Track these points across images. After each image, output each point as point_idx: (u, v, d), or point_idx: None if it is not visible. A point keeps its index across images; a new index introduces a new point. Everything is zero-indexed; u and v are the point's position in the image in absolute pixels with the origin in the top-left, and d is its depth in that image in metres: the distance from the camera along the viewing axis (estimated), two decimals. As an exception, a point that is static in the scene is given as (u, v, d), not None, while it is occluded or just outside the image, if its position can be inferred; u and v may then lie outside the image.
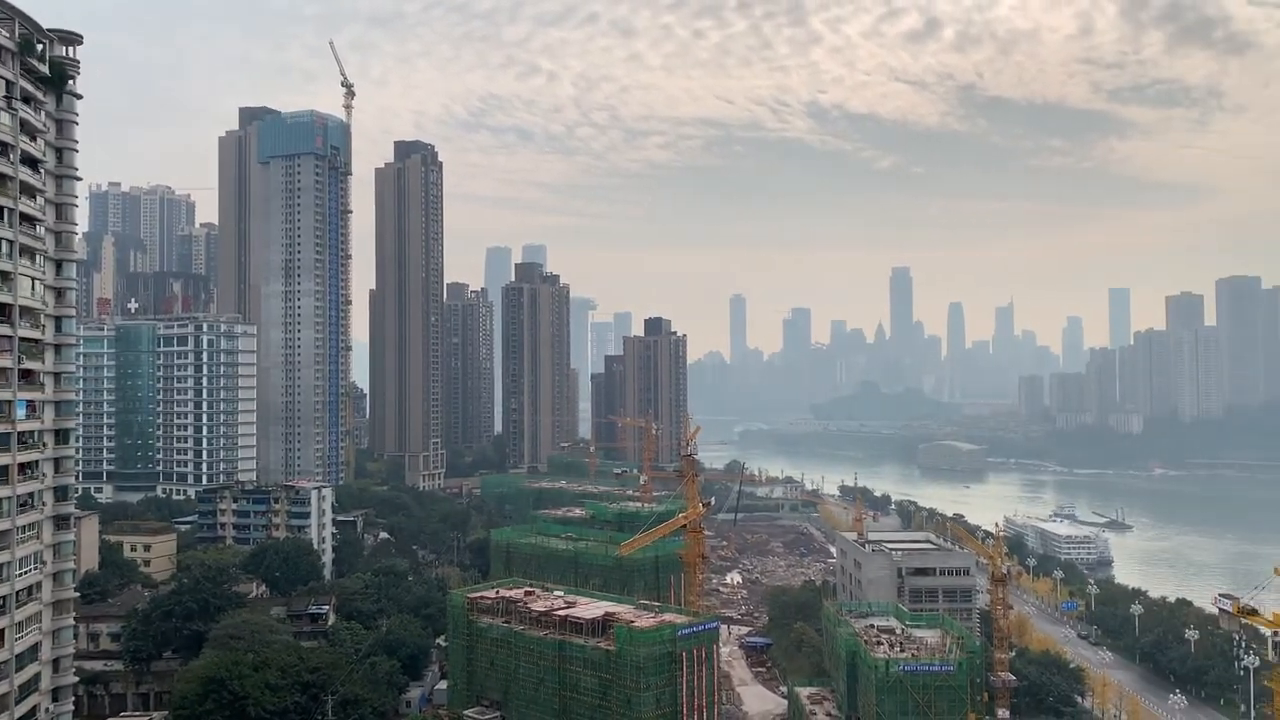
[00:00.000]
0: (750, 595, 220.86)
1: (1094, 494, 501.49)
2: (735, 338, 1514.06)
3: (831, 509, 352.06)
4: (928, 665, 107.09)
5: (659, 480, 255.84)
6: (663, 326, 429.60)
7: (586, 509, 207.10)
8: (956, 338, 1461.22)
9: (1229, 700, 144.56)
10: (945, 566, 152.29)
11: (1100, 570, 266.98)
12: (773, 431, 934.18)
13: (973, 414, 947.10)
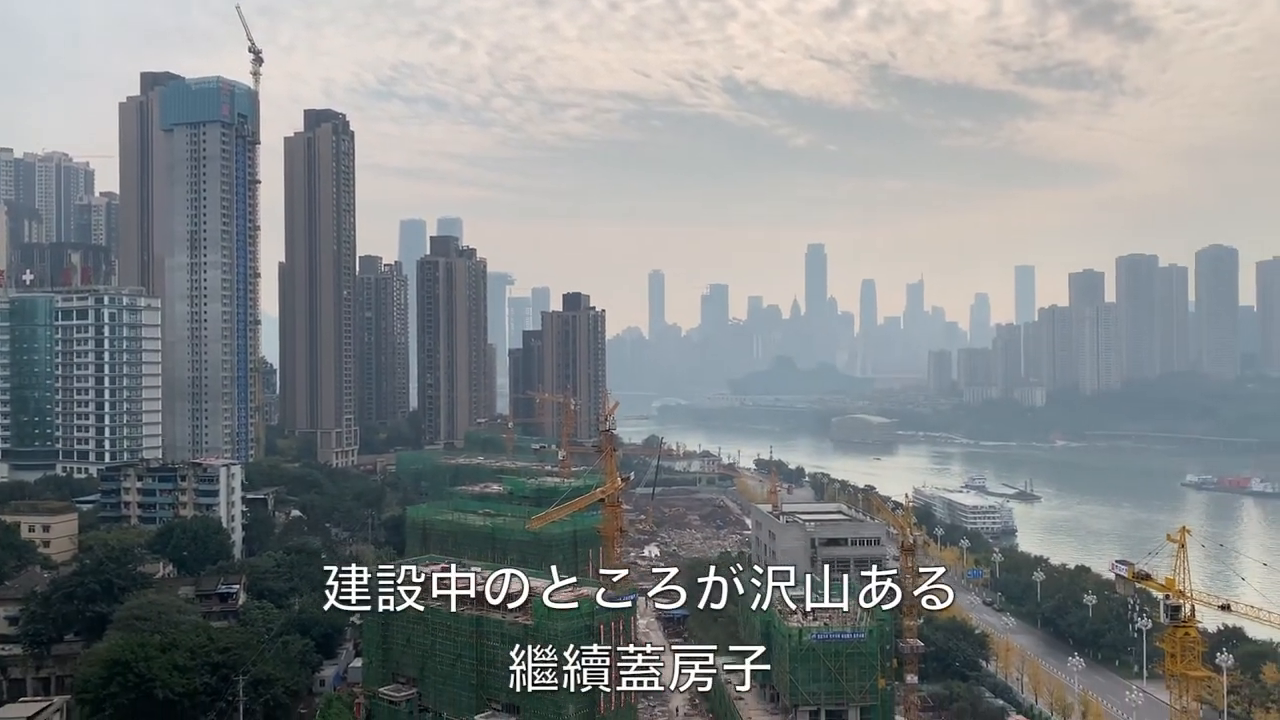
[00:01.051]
0: (668, 567, 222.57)
1: (999, 465, 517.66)
2: (654, 313, 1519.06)
3: (748, 482, 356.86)
4: (839, 633, 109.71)
5: (578, 455, 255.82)
6: (581, 302, 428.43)
7: (504, 485, 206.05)
8: (869, 314, 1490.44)
9: (1124, 662, 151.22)
10: (857, 537, 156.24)
11: (1005, 539, 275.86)
12: (691, 406, 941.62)
13: (884, 388, 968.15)
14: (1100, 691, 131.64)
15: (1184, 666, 67.73)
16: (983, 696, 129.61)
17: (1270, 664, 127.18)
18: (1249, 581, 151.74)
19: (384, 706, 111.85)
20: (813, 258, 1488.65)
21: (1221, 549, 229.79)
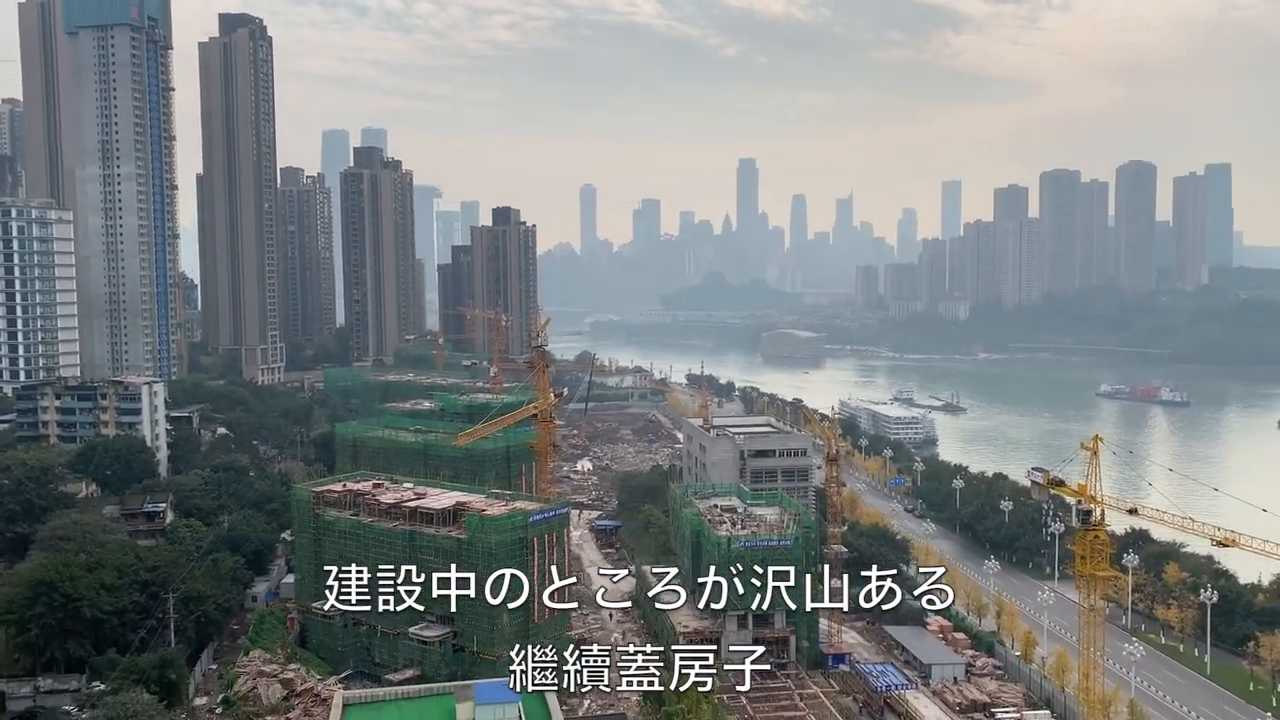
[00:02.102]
0: (600, 481, 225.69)
1: (923, 378, 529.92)
2: (585, 228, 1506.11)
3: (679, 397, 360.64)
4: (766, 540, 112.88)
5: (510, 372, 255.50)
6: (511, 216, 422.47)
7: (435, 401, 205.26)
8: (799, 229, 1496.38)
9: (1037, 564, 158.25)
10: (784, 448, 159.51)
11: (926, 448, 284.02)
12: (623, 322, 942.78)
13: (813, 303, 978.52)
14: (1014, 592, 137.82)
15: (1093, 567, 71.12)
16: (903, 599, 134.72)
17: (1172, 563, 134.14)
18: (1155, 486, 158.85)
19: (317, 621, 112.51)
20: (744, 172, 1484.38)
21: (1131, 456, 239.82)
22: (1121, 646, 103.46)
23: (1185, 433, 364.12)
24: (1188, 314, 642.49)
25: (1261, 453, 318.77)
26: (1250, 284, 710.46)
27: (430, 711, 72.66)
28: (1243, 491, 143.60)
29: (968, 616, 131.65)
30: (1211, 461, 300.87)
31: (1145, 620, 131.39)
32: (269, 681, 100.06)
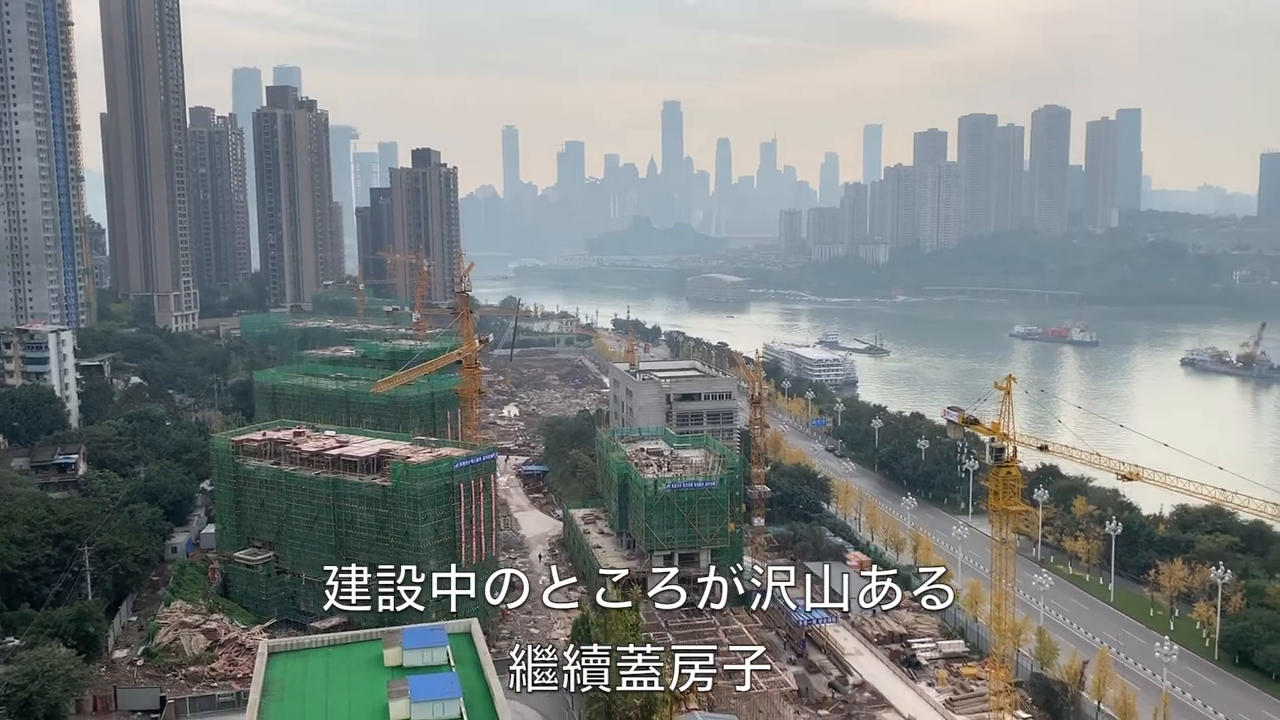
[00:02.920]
0: (527, 426, 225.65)
1: (844, 320, 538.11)
2: (508, 171, 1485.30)
3: (605, 341, 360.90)
4: (692, 482, 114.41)
5: (433, 317, 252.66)
6: (432, 158, 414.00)
7: (356, 348, 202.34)
8: (724, 173, 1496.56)
9: (952, 500, 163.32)
10: (709, 391, 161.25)
11: (847, 390, 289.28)
12: (548, 267, 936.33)
13: (738, 247, 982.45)
14: (930, 527, 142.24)
15: (1005, 502, 73.56)
16: (824, 536, 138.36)
17: (1080, 497, 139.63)
18: (1065, 424, 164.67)
19: (240, 570, 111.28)
20: (669, 115, 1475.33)
21: (1043, 395, 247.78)
22: (1031, 577, 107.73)
23: (1094, 371, 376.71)
24: (1098, 256, 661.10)
25: (1165, 389, 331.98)
26: (1157, 226, 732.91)
27: (358, 658, 72.50)
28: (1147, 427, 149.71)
29: (886, 551, 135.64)
30: (1119, 399, 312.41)
31: (1054, 552, 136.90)
32: (191, 632, 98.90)
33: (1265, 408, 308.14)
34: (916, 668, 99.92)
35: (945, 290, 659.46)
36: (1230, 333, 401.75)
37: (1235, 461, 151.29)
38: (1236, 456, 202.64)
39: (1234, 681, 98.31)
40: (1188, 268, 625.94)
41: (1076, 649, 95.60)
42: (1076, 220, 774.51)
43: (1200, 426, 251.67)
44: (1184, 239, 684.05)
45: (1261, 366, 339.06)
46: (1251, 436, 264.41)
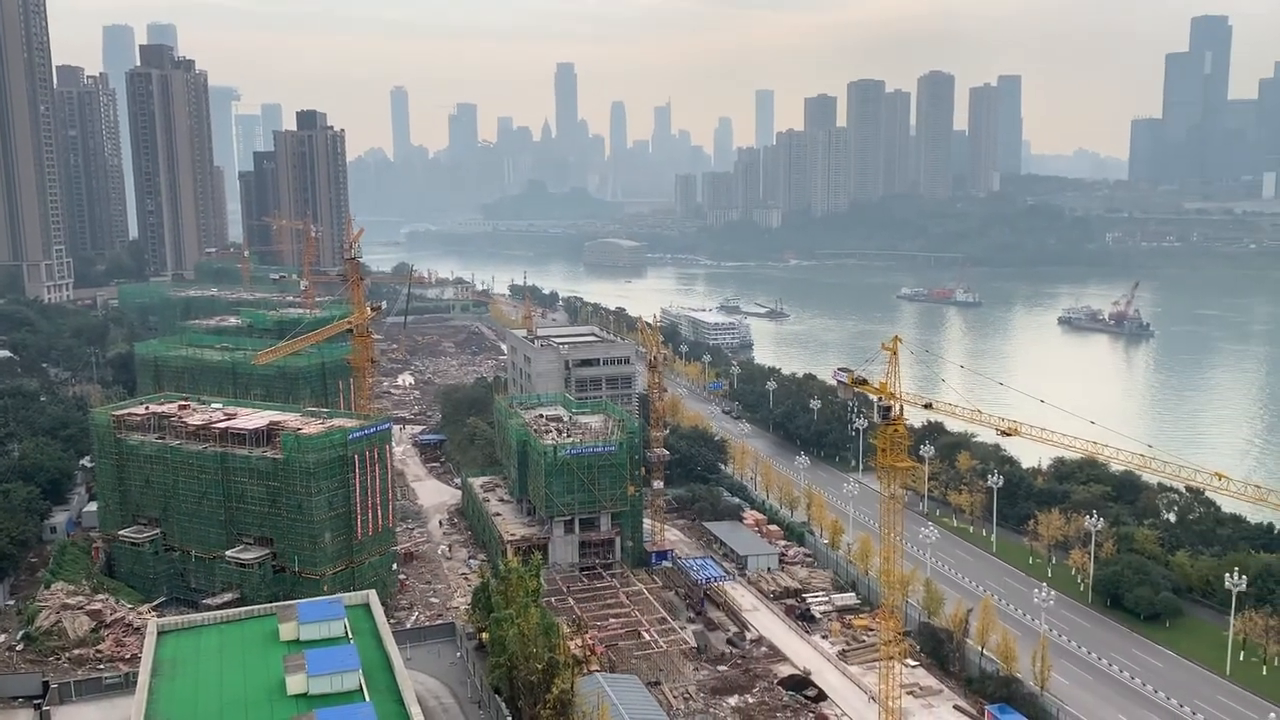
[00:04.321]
0: (423, 395, 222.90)
1: (740, 284, 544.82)
2: (398, 134, 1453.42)
3: (502, 308, 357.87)
4: (592, 447, 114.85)
5: (323, 285, 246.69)
6: (318, 120, 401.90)
7: (243, 317, 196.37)
8: (619, 137, 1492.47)
9: (843, 458, 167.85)
10: (608, 356, 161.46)
11: (743, 353, 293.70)
12: (441, 232, 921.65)
13: (634, 212, 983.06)
14: (822, 485, 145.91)
15: (892, 459, 75.81)
16: (721, 496, 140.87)
17: (964, 453, 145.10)
18: (949, 382, 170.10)
19: (125, 549, 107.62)
20: (562, 77, 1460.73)
21: (929, 354, 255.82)
22: (919, 530, 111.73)
23: (977, 331, 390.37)
24: (980, 219, 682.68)
25: (1044, 347, 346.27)
26: (1036, 190, 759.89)
27: (252, 634, 71.11)
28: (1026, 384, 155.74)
29: (781, 509, 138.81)
30: (1001, 357, 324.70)
31: (940, 505, 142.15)
32: (74, 614, 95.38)
33: (1135, 363, 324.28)
34: (811, 621, 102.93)
35: (836, 254, 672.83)
36: (1104, 292, 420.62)
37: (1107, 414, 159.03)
38: (1109, 409, 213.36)
39: (1105, 623, 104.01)
40: (1064, 230, 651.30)
41: (961, 598, 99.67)
42: (960, 184, 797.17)
43: (1076, 382, 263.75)
44: (1061, 202, 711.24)
45: (1132, 324, 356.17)
46: (1122, 390, 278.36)
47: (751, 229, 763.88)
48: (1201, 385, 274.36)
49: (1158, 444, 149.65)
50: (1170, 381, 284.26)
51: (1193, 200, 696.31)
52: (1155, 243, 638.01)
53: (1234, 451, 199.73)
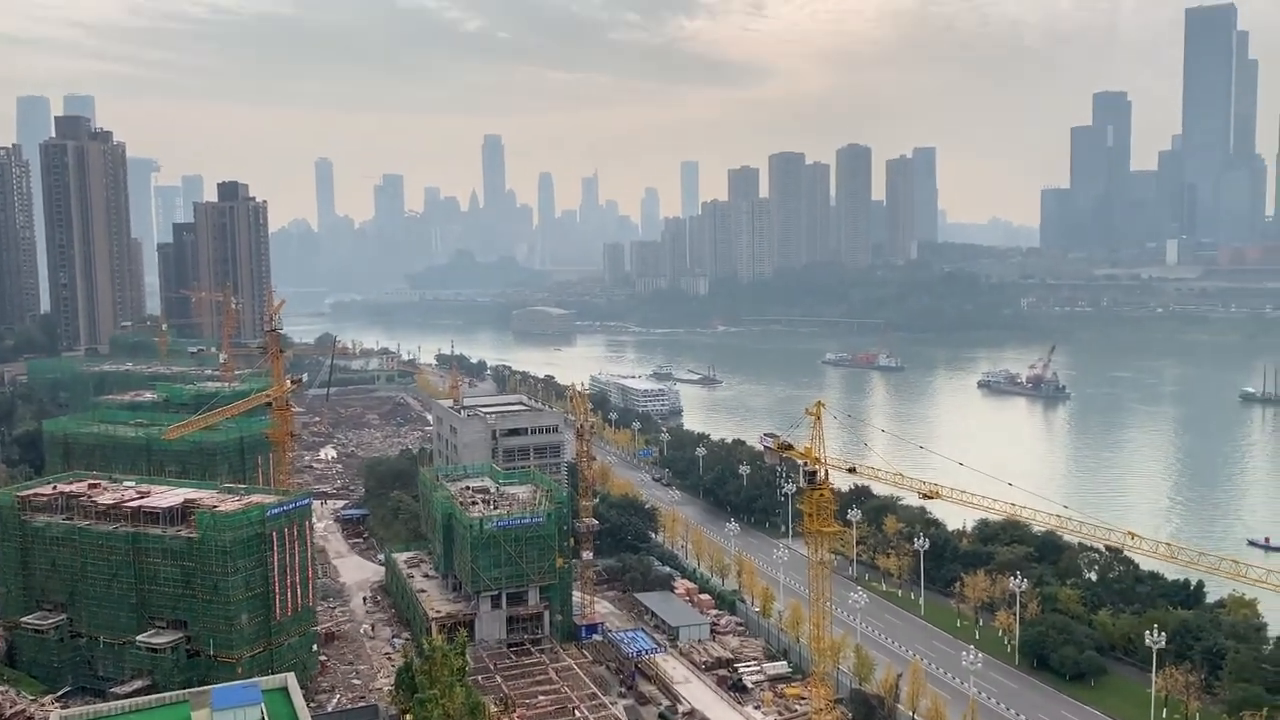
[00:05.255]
0: (346, 469, 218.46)
1: (669, 351, 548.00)
2: (323, 205, 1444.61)
3: (429, 378, 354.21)
4: (519, 519, 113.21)
5: (243, 357, 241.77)
6: (239, 191, 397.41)
7: (159, 392, 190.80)
8: (547, 206, 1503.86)
9: (773, 523, 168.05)
10: (536, 425, 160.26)
11: (673, 419, 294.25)
12: (367, 302, 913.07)
13: (562, 280, 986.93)
14: (753, 551, 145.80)
15: (819, 524, 76.22)
16: (652, 566, 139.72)
17: (891, 516, 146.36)
18: (874, 445, 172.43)
19: (28, 637, 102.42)
20: (490, 149, 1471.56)
21: (854, 419, 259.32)
22: (848, 595, 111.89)
23: (901, 395, 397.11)
24: (900, 286, 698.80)
25: (965, 410, 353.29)
26: (953, 258, 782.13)
27: (162, 724, 67.91)
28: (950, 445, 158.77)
29: (712, 577, 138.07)
30: (924, 420, 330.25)
31: (869, 569, 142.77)
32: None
33: (1054, 424, 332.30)
34: (743, 691, 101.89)
35: (762, 320, 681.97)
36: (1021, 355, 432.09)
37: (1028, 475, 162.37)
38: (1031, 471, 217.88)
39: (1033, 684, 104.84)
40: (981, 296, 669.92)
41: (892, 663, 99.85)
42: (880, 252, 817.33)
43: (997, 444, 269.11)
44: (977, 269, 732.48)
45: (1049, 387, 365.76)
46: (1042, 451, 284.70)
47: (679, 296, 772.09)
48: (1118, 445, 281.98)
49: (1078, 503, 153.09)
50: (1088, 442, 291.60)
51: (1101, 267, 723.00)
52: (1068, 308, 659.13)
53: (1150, 510, 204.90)
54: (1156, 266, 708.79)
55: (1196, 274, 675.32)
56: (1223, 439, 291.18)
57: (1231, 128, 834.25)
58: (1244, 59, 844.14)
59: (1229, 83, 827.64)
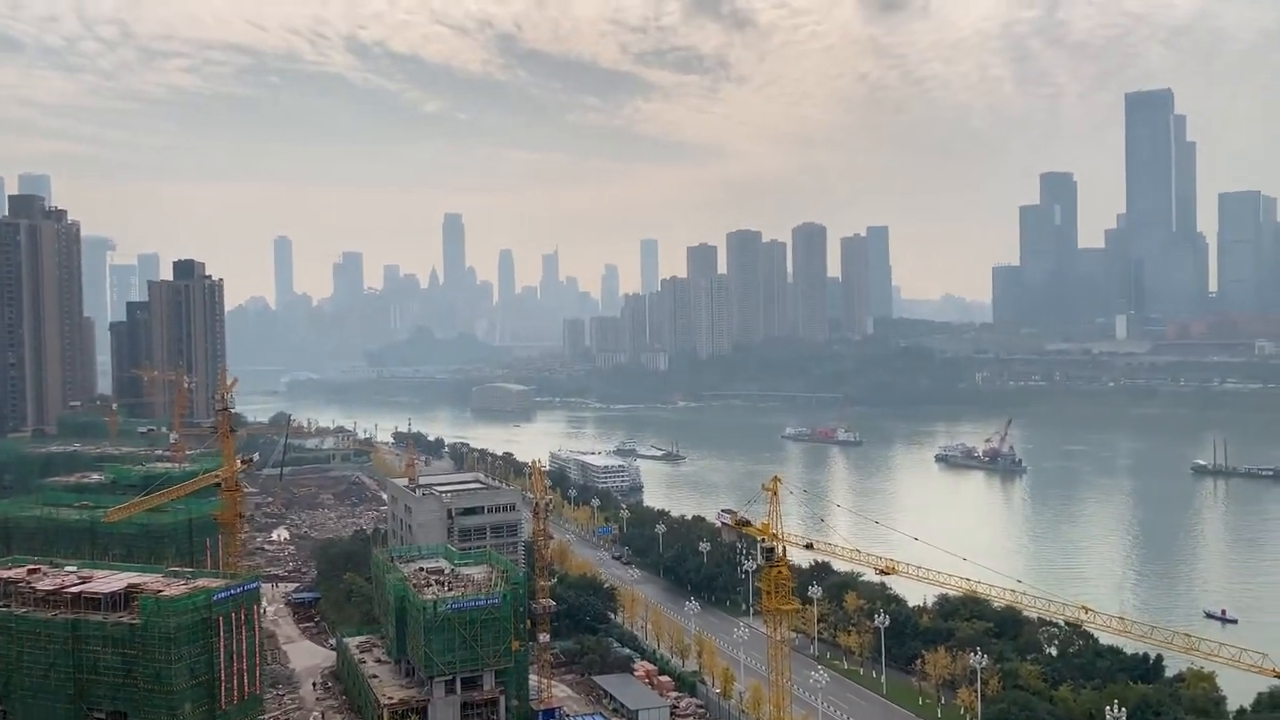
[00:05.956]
0: (299, 550, 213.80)
1: (629, 426, 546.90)
2: (281, 282, 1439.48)
3: (385, 456, 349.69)
4: (474, 600, 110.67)
5: (196, 437, 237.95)
6: (195, 270, 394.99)
7: (106, 473, 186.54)
8: (507, 283, 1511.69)
9: (734, 601, 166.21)
10: (493, 504, 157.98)
11: (633, 495, 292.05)
12: (323, 380, 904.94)
13: (523, 356, 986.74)
14: (713, 630, 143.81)
15: (777, 602, 75.59)
16: (611, 647, 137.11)
17: (851, 592, 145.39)
18: (835, 520, 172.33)
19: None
20: (450, 226, 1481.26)
21: (813, 494, 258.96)
22: (809, 674, 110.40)
23: (860, 469, 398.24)
24: (857, 361, 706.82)
25: (924, 484, 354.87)
26: (908, 333, 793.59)
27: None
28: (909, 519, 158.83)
29: (672, 658, 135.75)
30: (883, 494, 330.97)
31: (830, 647, 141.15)
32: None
33: (1011, 498, 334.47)
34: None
35: (722, 395, 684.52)
36: (978, 429, 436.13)
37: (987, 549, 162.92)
38: (989, 544, 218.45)
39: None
40: (936, 370, 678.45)
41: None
42: (837, 328, 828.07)
43: (955, 517, 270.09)
44: (932, 344, 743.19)
45: (1005, 460, 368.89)
46: (1001, 525, 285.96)
47: (640, 371, 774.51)
48: (1075, 518, 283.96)
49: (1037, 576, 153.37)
50: (1045, 515, 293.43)
51: (1053, 342, 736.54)
52: (1022, 382, 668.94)
53: (1110, 582, 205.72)
54: (1107, 341, 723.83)
55: (1145, 348, 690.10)
56: (1177, 511, 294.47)
57: (1174, 207, 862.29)
58: (1182, 141, 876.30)
59: (1169, 164, 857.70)
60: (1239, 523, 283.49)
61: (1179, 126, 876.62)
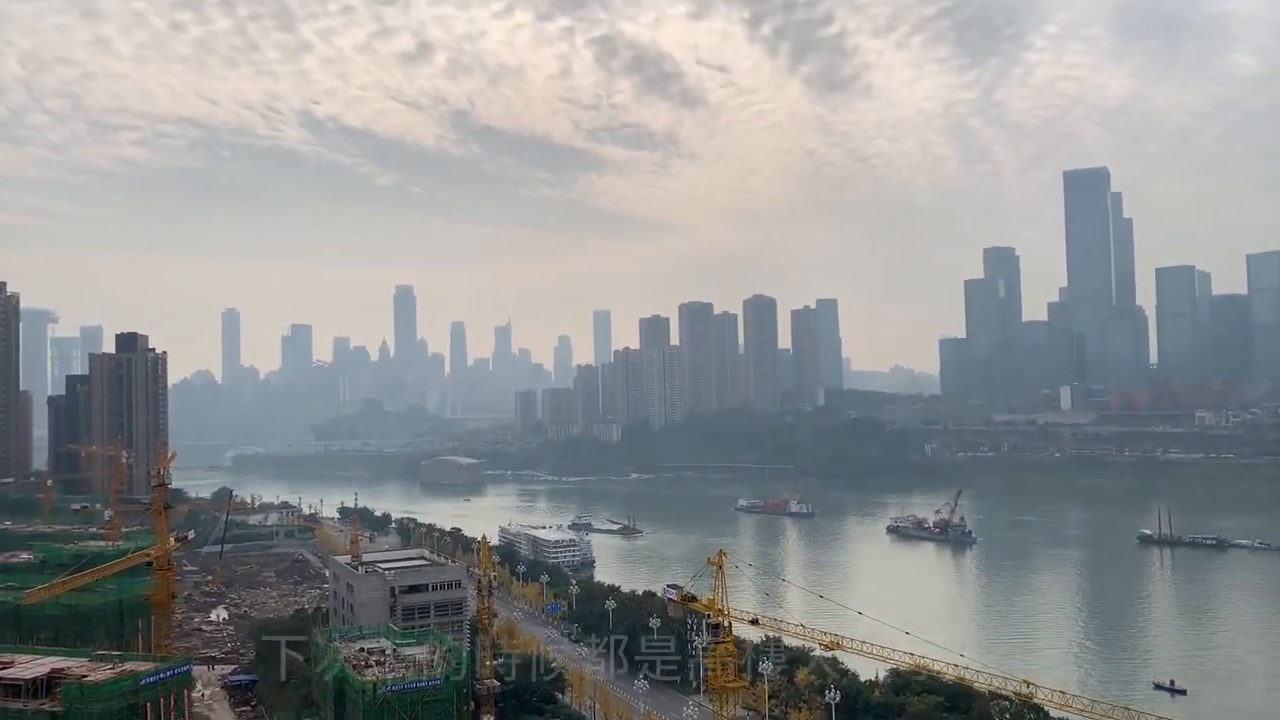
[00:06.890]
0: (238, 631, 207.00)
1: (582, 499, 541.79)
2: (228, 356, 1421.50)
3: (330, 532, 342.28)
4: (415, 682, 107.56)
5: (133, 514, 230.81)
6: (138, 342, 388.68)
7: (35, 552, 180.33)
8: (459, 355, 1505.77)
9: (685, 679, 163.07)
10: (438, 581, 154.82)
11: (584, 570, 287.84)
12: (270, 455, 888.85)
13: (474, 428, 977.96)
14: (663, 709, 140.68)
15: (724, 679, 74.08)
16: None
17: (802, 667, 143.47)
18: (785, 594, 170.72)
19: None
20: (401, 299, 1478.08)
21: (761, 567, 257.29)
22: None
23: (813, 541, 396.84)
24: (808, 432, 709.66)
25: (875, 556, 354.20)
26: (858, 404, 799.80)
27: None
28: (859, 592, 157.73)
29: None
30: (834, 567, 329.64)
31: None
32: None
33: (963, 569, 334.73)
34: None
35: (675, 466, 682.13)
36: (928, 500, 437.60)
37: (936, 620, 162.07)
38: (940, 616, 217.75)
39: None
40: (887, 441, 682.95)
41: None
42: (789, 399, 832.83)
43: (907, 590, 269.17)
44: (882, 415, 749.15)
45: (956, 531, 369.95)
46: (951, 597, 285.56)
47: (592, 444, 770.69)
48: (1025, 589, 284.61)
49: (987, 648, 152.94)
50: (995, 586, 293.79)
51: (1000, 413, 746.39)
52: (970, 453, 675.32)
53: (1059, 654, 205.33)
54: (1052, 412, 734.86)
55: (1090, 419, 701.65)
56: (1125, 581, 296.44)
57: (1113, 281, 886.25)
58: (1119, 217, 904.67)
59: (1107, 239, 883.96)
60: (1185, 591, 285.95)
61: (1116, 203, 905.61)
